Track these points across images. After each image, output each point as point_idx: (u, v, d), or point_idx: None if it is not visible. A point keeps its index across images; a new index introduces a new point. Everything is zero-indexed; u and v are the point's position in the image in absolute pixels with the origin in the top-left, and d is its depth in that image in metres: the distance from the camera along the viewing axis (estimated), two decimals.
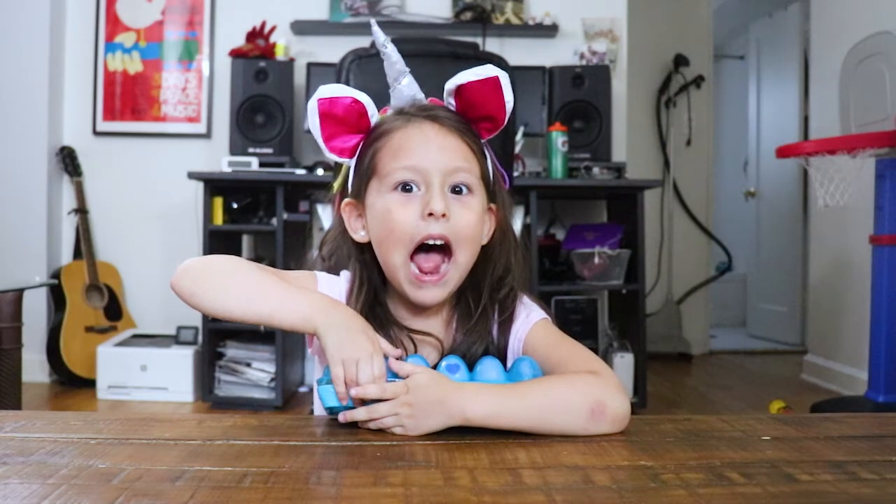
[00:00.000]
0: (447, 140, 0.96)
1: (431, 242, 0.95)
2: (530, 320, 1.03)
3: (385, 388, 0.85)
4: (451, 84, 0.98)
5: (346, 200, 1.04)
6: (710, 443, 0.83)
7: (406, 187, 0.95)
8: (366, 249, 1.03)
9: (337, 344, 0.86)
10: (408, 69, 0.99)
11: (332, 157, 1.02)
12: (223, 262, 0.95)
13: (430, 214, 0.93)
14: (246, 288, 0.92)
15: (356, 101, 0.97)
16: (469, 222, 0.96)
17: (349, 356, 0.85)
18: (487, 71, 0.95)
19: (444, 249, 0.96)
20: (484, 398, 0.84)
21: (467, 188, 0.97)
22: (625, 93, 3.88)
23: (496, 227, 1.05)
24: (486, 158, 1.02)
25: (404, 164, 0.95)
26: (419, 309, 1.02)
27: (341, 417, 0.86)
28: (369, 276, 1.03)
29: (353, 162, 1.03)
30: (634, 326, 3.34)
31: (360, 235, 1.02)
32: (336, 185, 1.10)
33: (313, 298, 0.92)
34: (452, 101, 1.00)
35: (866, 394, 2.86)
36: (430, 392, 0.84)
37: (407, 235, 0.94)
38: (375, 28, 0.98)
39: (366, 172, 1.00)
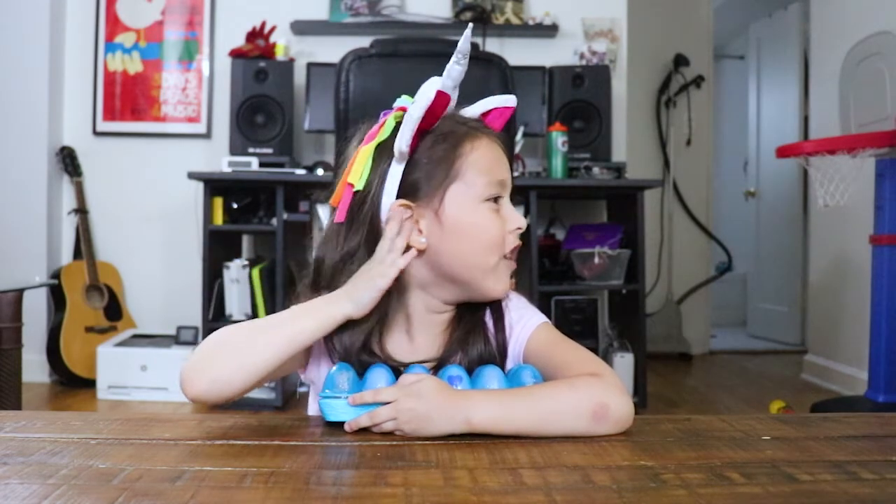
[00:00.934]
0: (505, 157, 1.03)
1: None
2: (530, 325, 1.02)
3: (378, 393, 0.87)
4: (481, 108, 1.04)
5: (403, 202, 0.96)
6: (711, 443, 0.83)
7: (497, 199, 1.00)
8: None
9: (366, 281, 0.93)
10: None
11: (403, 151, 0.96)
12: (213, 342, 0.91)
13: (518, 228, 1.01)
14: (255, 341, 0.90)
15: (447, 96, 0.95)
16: None
17: None
18: (509, 100, 1.03)
19: None
20: (488, 405, 0.84)
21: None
22: (625, 93, 3.88)
23: None
24: None
25: (497, 177, 0.99)
26: (415, 336, 1.00)
27: (347, 427, 0.86)
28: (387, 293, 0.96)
29: (402, 165, 0.97)
30: (634, 326, 3.35)
31: (420, 242, 0.96)
32: (359, 183, 0.98)
33: (317, 303, 0.94)
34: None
35: (866, 393, 2.86)
36: (434, 399, 0.84)
37: (505, 245, 0.99)
38: (469, 33, 0.96)
39: (446, 176, 0.96)
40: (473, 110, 1.03)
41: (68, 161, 3.75)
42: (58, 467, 0.72)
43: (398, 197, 0.96)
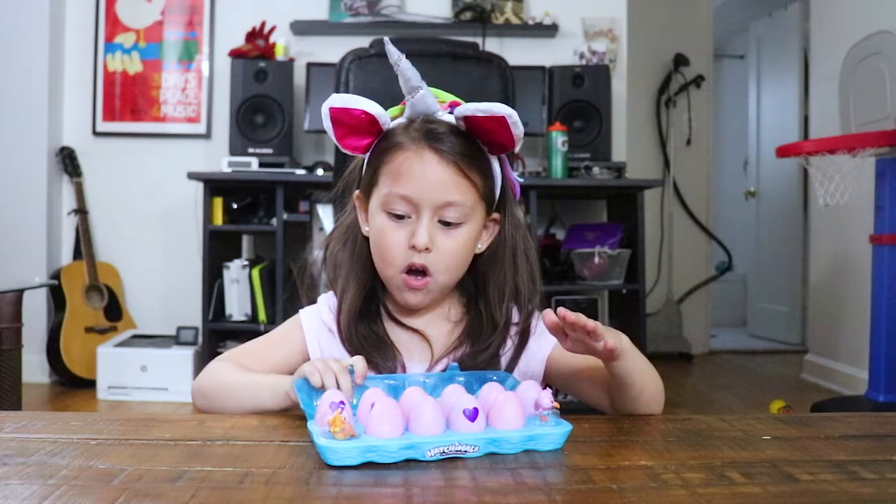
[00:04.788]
0: (444, 173, 0.98)
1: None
2: (550, 338, 1.02)
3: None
4: (458, 112, 0.98)
5: (356, 193, 1.09)
6: (711, 442, 0.83)
7: (397, 215, 1.00)
8: (366, 241, 1.08)
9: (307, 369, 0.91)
10: (422, 84, 1.00)
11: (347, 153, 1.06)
12: (207, 380, 1.05)
13: (413, 247, 0.99)
14: (232, 397, 1.01)
15: (366, 113, 0.98)
16: (452, 251, 1.01)
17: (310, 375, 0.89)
18: (494, 108, 0.94)
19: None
20: (626, 338, 0.94)
21: (456, 221, 1.00)
22: (625, 92, 3.88)
23: (497, 236, 1.08)
24: (489, 178, 1.04)
25: (400, 192, 0.99)
26: (417, 310, 1.08)
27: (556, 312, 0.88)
28: (371, 265, 1.07)
29: (366, 157, 1.06)
30: (635, 326, 3.34)
31: (365, 230, 1.08)
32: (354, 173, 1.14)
33: (270, 382, 0.99)
34: (462, 124, 1.00)
35: (867, 393, 2.87)
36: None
37: (396, 260, 1.00)
38: (389, 46, 0.98)
39: (371, 179, 1.04)
40: (460, 110, 0.98)
41: (68, 161, 3.75)
42: (58, 468, 0.72)
43: (360, 190, 1.08)
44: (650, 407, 0.99)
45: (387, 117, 1.01)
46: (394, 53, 0.98)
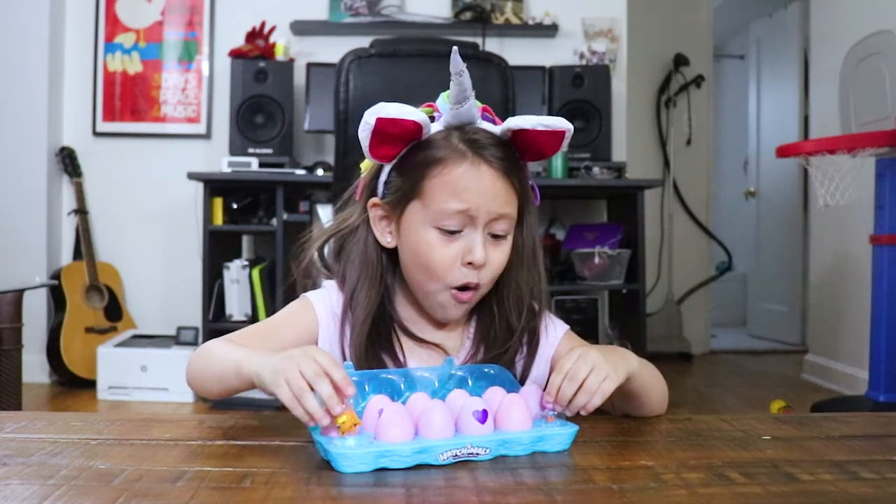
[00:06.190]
0: (498, 185, 0.96)
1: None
2: (555, 337, 1.05)
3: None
4: (514, 124, 0.95)
5: (375, 201, 1.02)
6: (711, 442, 0.84)
7: (451, 230, 0.96)
8: (384, 252, 1.03)
9: (271, 377, 0.81)
10: (473, 93, 0.96)
11: (371, 161, 1.02)
12: (199, 355, 1.00)
13: (470, 263, 0.96)
14: (213, 371, 0.96)
15: (416, 123, 0.94)
16: (500, 263, 0.99)
17: (287, 381, 0.79)
18: (557, 123, 0.94)
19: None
20: (634, 358, 0.95)
21: (504, 233, 0.99)
22: (625, 92, 3.89)
23: (514, 241, 1.06)
24: (526, 186, 1.03)
25: (458, 207, 0.94)
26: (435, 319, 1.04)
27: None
28: (382, 277, 1.03)
29: (390, 165, 1.01)
30: (635, 326, 3.36)
31: (387, 241, 1.02)
32: (363, 171, 1.08)
33: (251, 357, 0.89)
34: (508, 134, 0.97)
35: (867, 393, 2.87)
36: (602, 352, 0.90)
37: (447, 276, 0.96)
38: (456, 57, 0.93)
39: (410, 191, 0.98)
40: (515, 122, 0.96)
41: (68, 161, 3.76)
42: (58, 468, 0.72)
43: (383, 200, 1.01)
44: (654, 412, 1.01)
45: (430, 126, 0.97)
46: (458, 64, 0.93)
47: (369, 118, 0.92)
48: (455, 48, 0.95)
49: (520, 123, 0.94)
